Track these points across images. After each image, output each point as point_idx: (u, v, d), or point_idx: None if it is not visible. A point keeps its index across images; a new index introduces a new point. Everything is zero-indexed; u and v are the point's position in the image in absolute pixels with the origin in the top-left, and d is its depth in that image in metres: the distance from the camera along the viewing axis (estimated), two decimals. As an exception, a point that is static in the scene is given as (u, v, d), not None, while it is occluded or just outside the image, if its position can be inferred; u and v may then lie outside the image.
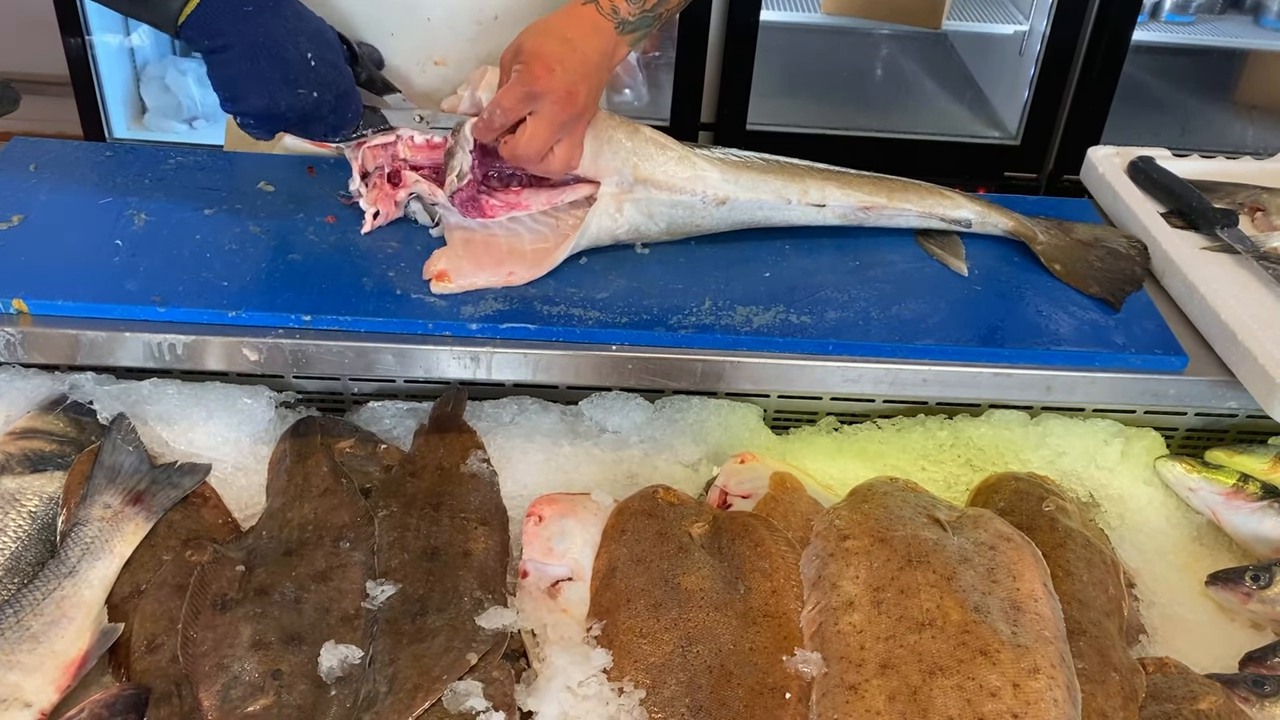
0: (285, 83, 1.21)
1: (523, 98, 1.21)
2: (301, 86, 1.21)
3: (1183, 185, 1.55)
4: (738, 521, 1.15)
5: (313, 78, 1.22)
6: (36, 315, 1.23)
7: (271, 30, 1.19)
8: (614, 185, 1.32)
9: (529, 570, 1.12)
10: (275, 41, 1.20)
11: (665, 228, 1.38)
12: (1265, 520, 1.25)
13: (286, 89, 1.21)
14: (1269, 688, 1.04)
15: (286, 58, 1.20)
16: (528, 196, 1.36)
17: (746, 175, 1.38)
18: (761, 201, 1.39)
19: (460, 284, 1.28)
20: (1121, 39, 3.07)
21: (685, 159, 1.35)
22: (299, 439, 1.25)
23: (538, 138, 1.23)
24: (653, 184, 1.33)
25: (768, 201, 1.39)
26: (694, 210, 1.37)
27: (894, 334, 1.29)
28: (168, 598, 1.07)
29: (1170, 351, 1.31)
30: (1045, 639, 0.99)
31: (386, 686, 0.98)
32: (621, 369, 1.26)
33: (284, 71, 1.20)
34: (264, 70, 1.20)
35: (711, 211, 1.38)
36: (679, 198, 1.35)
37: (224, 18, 1.19)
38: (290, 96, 1.21)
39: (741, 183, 1.37)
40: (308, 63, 1.21)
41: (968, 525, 1.11)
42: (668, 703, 0.98)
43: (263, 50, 1.19)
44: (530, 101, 1.21)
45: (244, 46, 1.19)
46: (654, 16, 1.28)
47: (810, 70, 3.63)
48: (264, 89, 1.21)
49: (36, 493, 1.15)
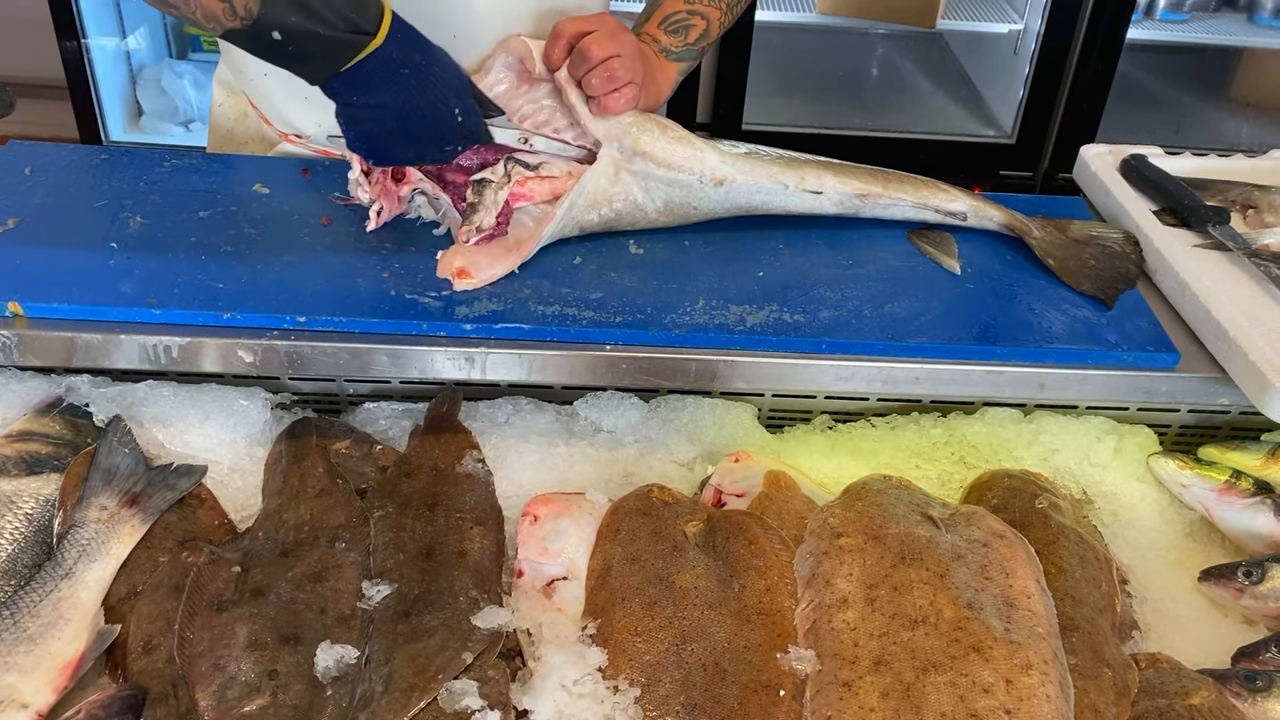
0: (434, 140, 1.24)
1: (614, 34, 1.31)
2: (449, 143, 1.26)
3: (1175, 183, 1.55)
4: (732, 520, 1.15)
5: (459, 132, 1.25)
6: (32, 318, 1.23)
7: (425, 92, 1.20)
8: (614, 149, 1.33)
9: (524, 569, 1.12)
10: (429, 103, 1.21)
11: (662, 206, 1.38)
12: (1257, 516, 1.25)
13: (434, 146, 1.25)
14: (1261, 683, 1.05)
15: (438, 117, 1.22)
16: (531, 186, 1.35)
17: (745, 160, 1.39)
18: (759, 185, 1.39)
19: (481, 278, 1.29)
20: (1116, 37, 3.08)
21: (685, 139, 1.37)
22: (294, 440, 1.26)
23: (622, 66, 1.30)
24: (651, 158, 1.34)
25: (764, 186, 1.40)
26: (691, 190, 1.37)
27: (887, 332, 1.30)
28: (164, 599, 1.07)
29: (1162, 349, 1.31)
30: (1038, 635, 1.00)
31: (382, 686, 0.98)
32: (616, 369, 1.26)
33: (435, 130, 1.23)
34: (415, 131, 1.22)
35: (709, 193, 1.38)
36: (676, 175, 1.36)
37: (379, 76, 1.18)
38: (437, 152, 1.27)
39: (739, 166, 1.38)
40: (454, 119, 1.23)
41: (961, 522, 1.12)
42: (662, 701, 0.98)
43: (417, 113, 1.21)
44: (617, 43, 1.30)
45: (399, 108, 1.20)
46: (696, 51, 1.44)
47: (806, 70, 3.64)
48: (413, 147, 1.25)
49: (33, 495, 1.15)
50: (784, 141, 1.70)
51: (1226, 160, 1.68)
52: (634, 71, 1.32)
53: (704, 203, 1.39)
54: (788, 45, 3.59)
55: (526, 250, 1.32)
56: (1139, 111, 3.50)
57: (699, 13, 1.44)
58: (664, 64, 1.42)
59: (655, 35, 1.39)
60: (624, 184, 1.35)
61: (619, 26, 1.34)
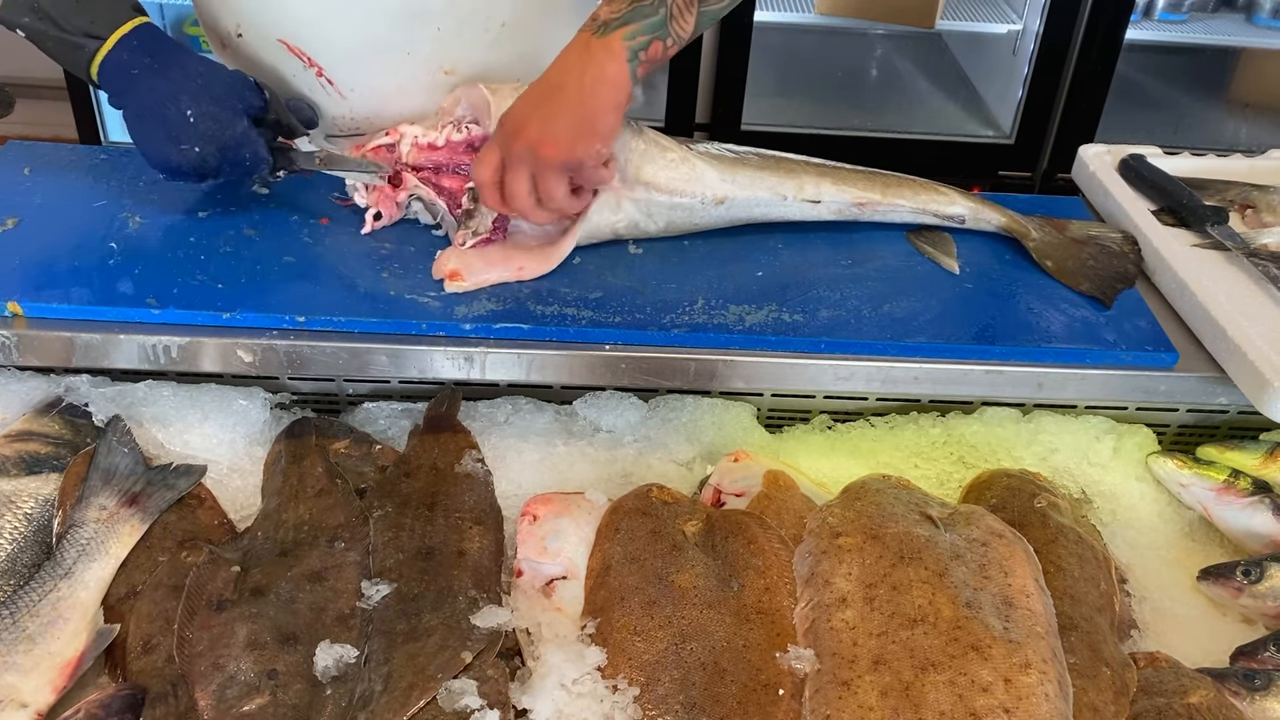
0: (169, 140, 1.27)
1: (490, 147, 1.23)
2: (184, 143, 1.27)
3: (1173, 183, 1.55)
4: (731, 519, 1.15)
5: (192, 133, 1.27)
6: (31, 318, 1.23)
7: (154, 91, 1.27)
8: (616, 180, 1.33)
9: (523, 569, 1.13)
10: (157, 102, 1.27)
11: (663, 225, 1.39)
12: (1256, 515, 1.25)
13: (171, 145, 1.28)
14: (1260, 682, 1.05)
15: (167, 116, 1.27)
16: None
17: (743, 173, 1.39)
18: (758, 199, 1.40)
19: (473, 281, 1.29)
20: (1115, 37, 3.07)
21: (684, 160, 1.35)
22: (294, 440, 1.26)
23: (510, 187, 1.22)
24: (653, 186, 1.35)
25: (764, 199, 1.40)
26: (693, 211, 1.38)
27: (886, 332, 1.30)
28: (163, 598, 1.07)
29: (1161, 348, 1.31)
30: (1037, 634, 1.00)
31: (381, 685, 0.98)
32: (615, 368, 1.26)
33: (166, 130, 1.27)
34: (150, 130, 1.28)
35: (710, 211, 1.39)
36: (678, 200, 1.36)
37: (117, 80, 1.27)
38: (176, 153, 1.28)
39: (739, 181, 1.38)
40: (186, 119, 1.27)
41: (960, 522, 1.12)
42: (661, 700, 0.98)
43: (147, 111, 1.27)
44: (497, 146, 1.22)
45: (135, 108, 1.28)
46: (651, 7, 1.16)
47: (805, 70, 3.64)
48: (155, 146, 1.28)
49: (32, 495, 1.15)
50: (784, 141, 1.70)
51: (1225, 160, 1.68)
52: (520, 182, 1.21)
53: (705, 220, 1.40)
54: (787, 45, 3.59)
55: (527, 274, 1.32)
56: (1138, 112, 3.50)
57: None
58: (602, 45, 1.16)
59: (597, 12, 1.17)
60: (626, 212, 1.36)
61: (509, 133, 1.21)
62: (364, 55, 1.39)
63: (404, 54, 1.39)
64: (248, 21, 1.41)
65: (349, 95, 1.42)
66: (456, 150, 1.36)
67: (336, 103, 1.44)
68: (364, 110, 1.44)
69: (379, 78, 1.41)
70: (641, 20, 1.16)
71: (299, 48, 1.38)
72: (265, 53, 1.42)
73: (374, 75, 1.41)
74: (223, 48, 1.48)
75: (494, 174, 1.23)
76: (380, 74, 1.41)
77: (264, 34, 1.40)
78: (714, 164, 1.37)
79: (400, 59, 1.39)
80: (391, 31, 1.37)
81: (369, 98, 1.43)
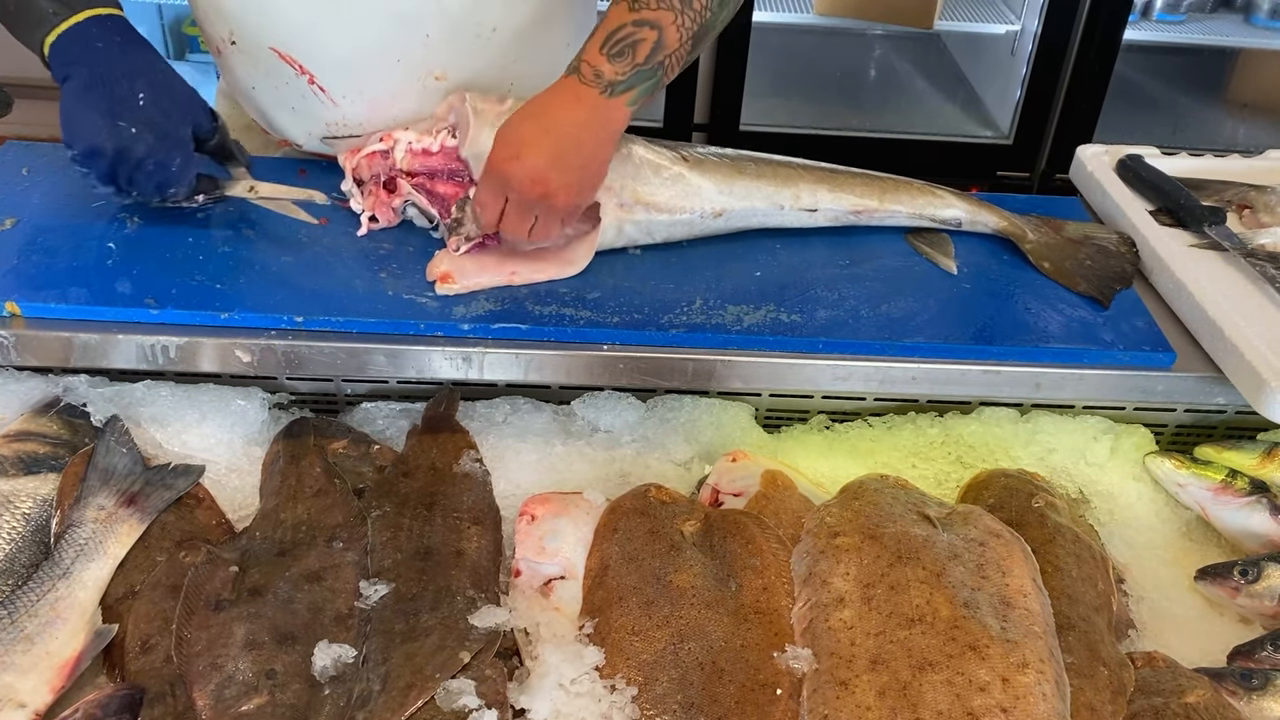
0: (108, 114, 1.23)
1: (492, 188, 1.24)
2: (122, 120, 1.24)
3: (1171, 183, 1.56)
4: (729, 519, 1.15)
5: (136, 115, 1.24)
6: (30, 318, 1.23)
7: (112, 64, 1.24)
8: (614, 205, 1.34)
9: (522, 569, 1.13)
10: (112, 75, 1.24)
11: (663, 239, 1.41)
12: (1253, 515, 1.25)
13: (107, 121, 1.23)
14: (1256, 681, 1.05)
15: (116, 92, 1.24)
16: None
17: (740, 184, 1.39)
18: (755, 209, 1.41)
19: (464, 284, 1.29)
20: (1113, 38, 3.08)
21: (679, 176, 1.36)
22: (292, 440, 1.26)
23: (510, 223, 1.26)
24: (652, 206, 1.36)
25: (761, 209, 1.41)
26: (692, 225, 1.39)
27: (884, 332, 1.30)
28: (162, 598, 1.07)
29: (1159, 348, 1.32)
30: (1034, 634, 1.00)
31: (380, 685, 0.98)
32: (613, 368, 1.26)
33: (109, 103, 1.23)
34: (93, 99, 1.23)
35: (708, 223, 1.40)
36: (677, 217, 1.38)
37: (77, 46, 1.24)
38: (110, 128, 1.23)
39: (735, 193, 1.39)
40: (135, 99, 1.24)
41: (958, 522, 1.12)
42: (659, 700, 0.98)
43: (99, 81, 1.24)
44: (501, 189, 1.23)
45: (84, 76, 1.24)
46: (651, 69, 1.22)
47: (803, 71, 3.64)
48: (88, 119, 1.23)
49: (30, 495, 1.15)
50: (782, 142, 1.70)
51: (1222, 160, 1.69)
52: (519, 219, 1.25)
53: (704, 230, 1.41)
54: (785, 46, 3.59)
55: (519, 280, 1.32)
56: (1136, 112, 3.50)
57: (646, 22, 1.21)
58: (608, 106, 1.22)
59: (597, 65, 1.20)
60: (627, 234, 1.37)
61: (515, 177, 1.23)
62: (355, 62, 1.39)
63: (394, 60, 1.39)
64: (240, 30, 1.41)
65: (341, 102, 1.42)
66: (451, 156, 1.36)
67: (329, 109, 1.44)
68: (357, 116, 1.44)
69: (371, 84, 1.41)
70: (643, 83, 1.23)
71: (290, 55, 1.38)
72: (257, 60, 1.42)
73: (366, 82, 1.41)
74: (218, 54, 1.48)
75: (497, 215, 1.26)
76: (372, 80, 1.41)
77: (256, 42, 1.41)
78: (710, 175, 1.38)
79: (391, 65, 1.40)
80: (381, 38, 1.37)
81: (361, 104, 1.43)
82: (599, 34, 1.23)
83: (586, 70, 1.21)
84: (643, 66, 1.22)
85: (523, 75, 1.47)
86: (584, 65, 1.22)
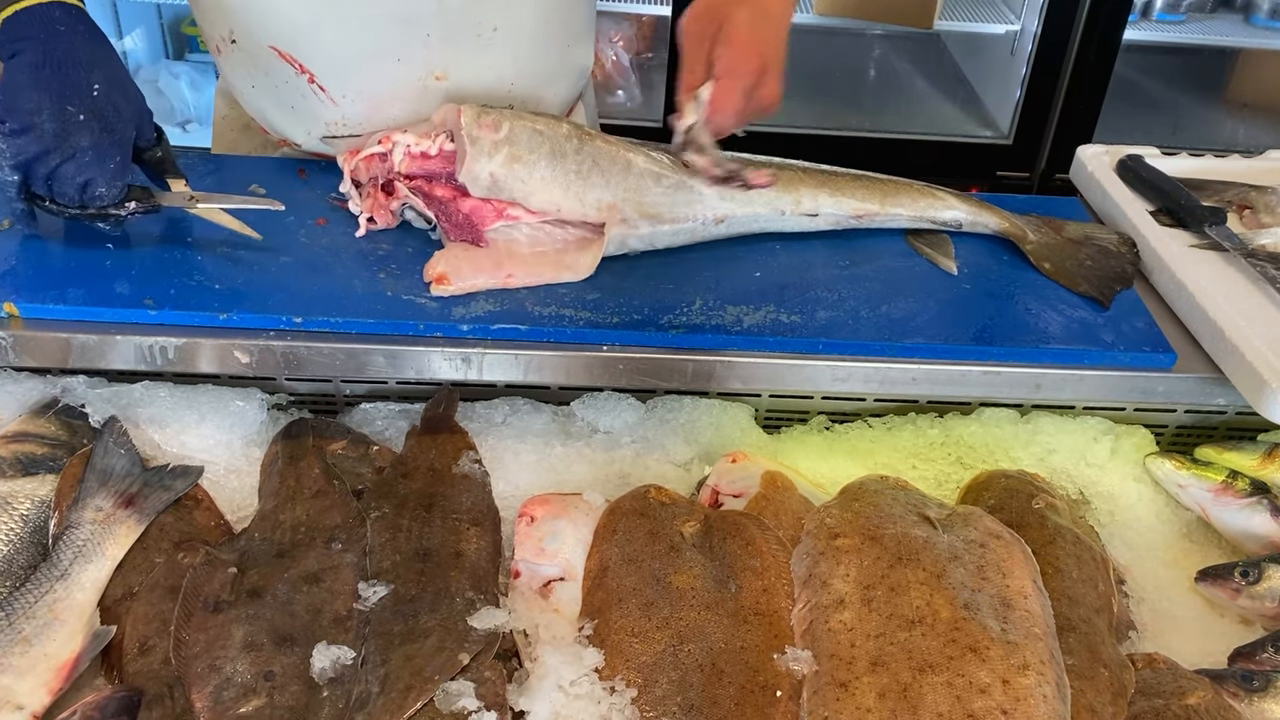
0: (58, 95, 1.18)
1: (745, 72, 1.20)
2: (71, 104, 1.19)
3: (1171, 183, 1.55)
4: (729, 520, 1.15)
5: (87, 104, 1.20)
6: (28, 319, 1.23)
7: (72, 50, 1.20)
8: (618, 221, 1.33)
9: (521, 570, 1.12)
10: (69, 60, 1.19)
11: (664, 247, 1.40)
12: (1254, 516, 1.25)
13: (54, 102, 1.18)
14: (1257, 683, 1.05)
15: (71, 76, 1.19)
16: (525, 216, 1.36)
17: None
18: (757, 215, 1.41)
19: (460, 286, 1.29)
20: (1113, 38, 3.08)
21: (680, 184, 1.36)
22: (291, 441, 1.25)
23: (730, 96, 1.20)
24: (655, 219, 1.36)
25: (763, 215, 1.41)
26: (694, 232, 1.40)
27: (884, 333, 1.30)
28: (160, 600, 1.07)
29: (1159, 349, 1.31)
30: (1035, 635, 1.00)
31: (379, 687, 0.98)
32: (613, 369, 1.26)
33: (61, 85, 1.19)
34: (45, 79, 1.18)
35: (710, 230, 1.40)
36: (680, 226, 1.38)
37: (36, 25, 1.19)
38: (55, 110, 1.18)
39: (737, 199, 1.39)
40: (89, 88, 1.20)
41: (958, 523, 1.12)
42: (659, 701, 0.98)
43: (53, 62, 1.19)
44: (745, 94, 1.20)
45: (37, 54, 1.19)
46: None
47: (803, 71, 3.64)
48: (33, 95, 1.18)
49: (28, 496, 1.15)
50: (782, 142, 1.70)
51: (1223, 160, 1.68)
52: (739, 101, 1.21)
53: (706, 237, 1.41)
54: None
55: (515, 282, 1.31)
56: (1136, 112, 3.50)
57: None
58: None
59: None
60: (631, 247, 1.37)
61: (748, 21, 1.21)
62: (355, 62, 1.39)
63: (394, 60, 1.39)
64: (240, 28, 1.41)
65: (341, 101, 1.42)
66: (449, 160, 1.36)
67: (329, 108, 1.44)
68: (357, 115, 1.44)
69: (371, 84, 1.41)
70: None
71: (290, 54, 1.38)
72: (257, 59, 1.42)
73: (366, 81, 1.41)
74: (217, 53, 1.48)
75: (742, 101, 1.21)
76: (372, 80, 1.41)
77: (256, 41, 1.40)
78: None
79: (391, 65, 1.40)
80: (381, 38, 1.37)
81: (361, 103, 1.43)
82: None
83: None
84: None
85: (523, 75, 1.47)
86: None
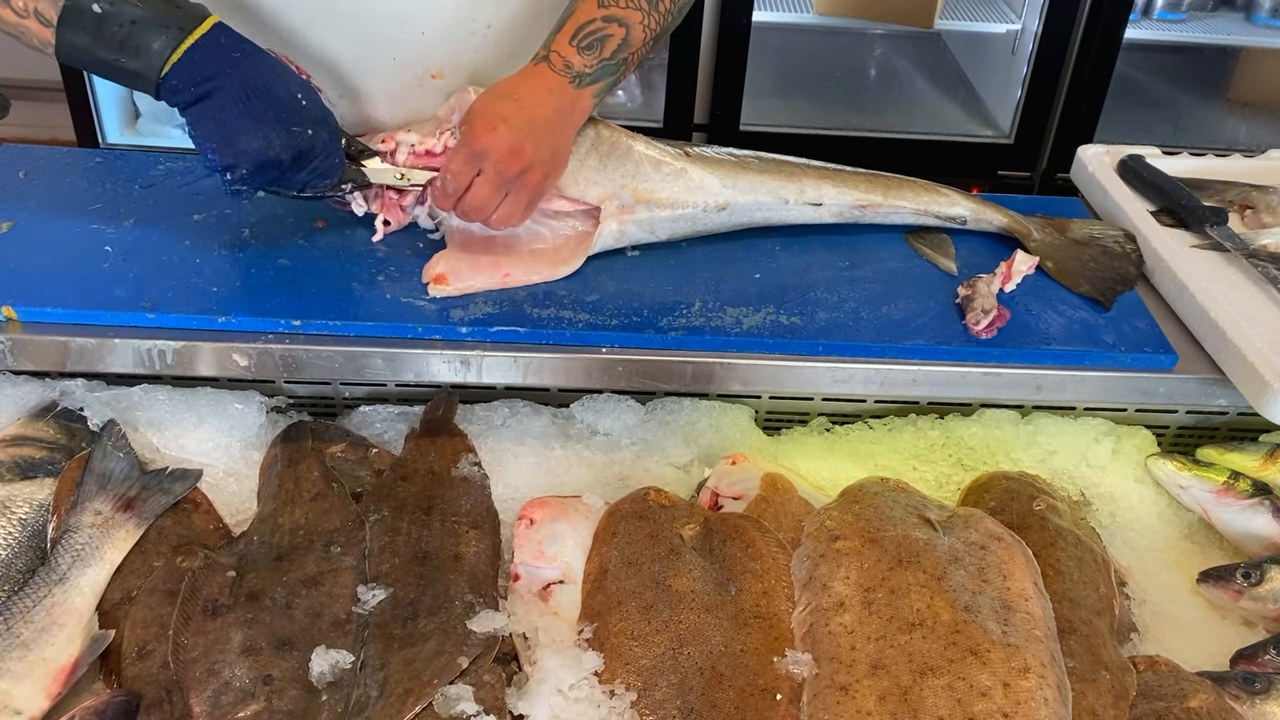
0: (279, 120, 1.18)
1: (468, 158, 1.23)
2: (296, 124, 1.19)
3: (1172, 183, 1.55)
4: (729, 523, 1.15)
5: (305, 115, 1.20)
6: (26, 322, 1.23)
7: (262, 72, 1.19)
8: (615, 208, 1.33)
9: (520, 573, 1.12)
10: (266, 82, 1.19)
11: (666, 237, 1.40)
12: (1256, 517, 1.25)
13: (280, 126, 1.18)
14: (1260, 685, 1.04)
15: (278, 96, 1.19)
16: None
17: (744, 178, 1.39)
18: (760, 203, 1.40)
19: (458, 286, 1.29)
20: (1114, 37, 3.07)
21: (682, 171, 1.36)
22: (290, 444, 1.25)
23: (479, 196, 1.24)
24: (654, 203, 1.35)
25: (766, 203, 1.41)
26: (695, 220, 1.39)
27: (884, 334, 1.29)
28: (159, 604, 1.07)
29: (1160, 350, 1.31)
30: (1036, 638, 0.99)
31: (377, 691, 0.98)
32: (612, 371, 1.26)
33: (277, 110, 1.18)
34: (257, 109, 1.17)
35: (712, 218, 1.39)
36: (680, 212, 1.37)
37: (214, 62, 1.17)
38: (285, 134, 1.19)
39: (740, 186, 1.38)
40: (298, 101, 1.21)
41: (958, 525, 1.11)
42: (659, 705, 0.98)
43: (255, 90, 1.18)
44: (476, 160, 1.22)
45: (235, 88, 1.17)
46: (616, 64, 1.28)
47: (803, 70, 3.63)
48: (258, 128, 1.18)
49: (27, 500, 1.15)
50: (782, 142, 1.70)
51: (1224, 160, 1.68)
52: (489, 192, 1.24)
53: (708, 226, 1.41)
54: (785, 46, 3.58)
55: (513, 282, 1.31)
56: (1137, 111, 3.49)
57: (615, 19, 1.27)
58: (576, 96, 1.27)
59: (567, 56, 1.25)
60: (630, 234, 1.37)
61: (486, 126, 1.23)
62: (351, 62, 1.39)
63: (390, 59, 1.39)
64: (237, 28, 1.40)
65: (338, 102, 1.42)
66: None
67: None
68: (354, 115, 1.44)
69: (367, 83, 1.41)
70: (608, 77, 1.29)
71: (287, 54, 1.38)
72: None
73: (362, 81, 1.40)
74: None
75: (465, 185, 1.24)
76: (368, 80, 1.41)
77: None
78: (714, 170, 1.37)
79: (387, 64, 1.39)
80: (377, 38, 1.37)
81: (358, 103, 1.42)
82: (568, 26, 1.28)
83: (556, 60, 1.27)
84: (608, 61, 1.28)
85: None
86: (554, 55, 1.27)
